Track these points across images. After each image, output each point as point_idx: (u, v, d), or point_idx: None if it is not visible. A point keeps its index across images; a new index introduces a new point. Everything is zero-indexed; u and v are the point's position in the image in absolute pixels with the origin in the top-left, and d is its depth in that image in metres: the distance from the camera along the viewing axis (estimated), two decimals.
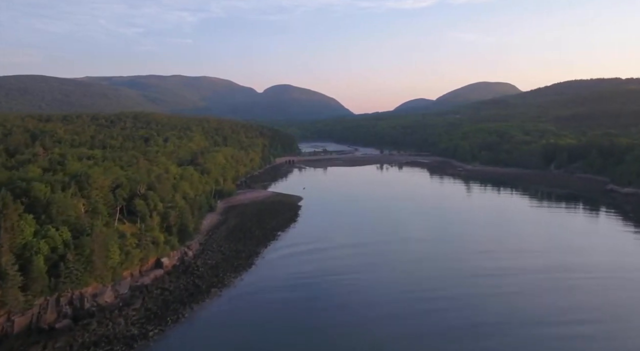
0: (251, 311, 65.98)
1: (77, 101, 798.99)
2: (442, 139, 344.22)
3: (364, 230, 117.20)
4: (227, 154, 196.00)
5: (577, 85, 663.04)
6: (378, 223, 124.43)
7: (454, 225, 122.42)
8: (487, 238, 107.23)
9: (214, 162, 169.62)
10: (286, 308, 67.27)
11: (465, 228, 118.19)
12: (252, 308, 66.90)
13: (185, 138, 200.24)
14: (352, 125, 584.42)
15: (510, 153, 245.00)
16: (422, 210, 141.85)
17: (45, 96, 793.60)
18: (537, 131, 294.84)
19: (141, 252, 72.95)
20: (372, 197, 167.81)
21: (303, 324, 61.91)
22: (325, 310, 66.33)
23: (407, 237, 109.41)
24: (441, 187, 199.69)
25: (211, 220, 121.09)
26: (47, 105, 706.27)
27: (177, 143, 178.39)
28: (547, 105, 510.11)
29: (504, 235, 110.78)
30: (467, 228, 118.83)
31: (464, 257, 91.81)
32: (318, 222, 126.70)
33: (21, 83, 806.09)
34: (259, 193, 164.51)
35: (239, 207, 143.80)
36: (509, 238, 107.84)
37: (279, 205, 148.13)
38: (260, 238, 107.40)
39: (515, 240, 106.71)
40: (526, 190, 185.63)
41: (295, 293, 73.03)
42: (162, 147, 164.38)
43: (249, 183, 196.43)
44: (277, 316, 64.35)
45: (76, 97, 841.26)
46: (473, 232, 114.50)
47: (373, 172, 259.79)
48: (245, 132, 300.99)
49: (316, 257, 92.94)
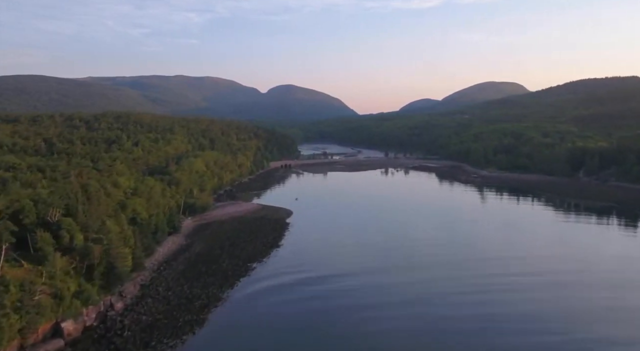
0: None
1: (75, 101, 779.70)
2: (452, 141, 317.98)
3: (363, 257, 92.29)
4: (210, 159, 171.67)
5: (590, 83, 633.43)
6: (383, 248, 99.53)
7: (480, 252, 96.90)
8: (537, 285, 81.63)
9: (190, 170, 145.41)
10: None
11: (501, 267, 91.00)
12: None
13: (163, 141, 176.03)
14: (355, 126, 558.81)
15: (530, 157, 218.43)
16: (435, 226, 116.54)
17: (41, 96, 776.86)
18: (556, 132, 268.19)
19: (21, 319, 48.45)
20: (375, 211, 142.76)
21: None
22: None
23: (422, 265, 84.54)
24: (455, 198, 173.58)
25: (170, 245, 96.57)
26: (42, 105, 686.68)
27: (149, 148, 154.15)
28: (561, 105, 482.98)
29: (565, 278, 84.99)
30: (503, 266, 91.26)
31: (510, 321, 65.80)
32: (307, 246, 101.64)
33: (18, 83, 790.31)
34: (241, 207, 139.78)
35: (213, 225, 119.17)
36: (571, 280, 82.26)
37: (262, 223, 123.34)
38: (228, 272, 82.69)
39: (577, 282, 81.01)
40: (558, 202, 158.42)
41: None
42: (129, 152, 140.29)
43: (234, 193, 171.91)
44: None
45: (74, 97, 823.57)
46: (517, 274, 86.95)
47: (377, 179, 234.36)
48: (237, 134, 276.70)
49: (300, 305, 68.42)
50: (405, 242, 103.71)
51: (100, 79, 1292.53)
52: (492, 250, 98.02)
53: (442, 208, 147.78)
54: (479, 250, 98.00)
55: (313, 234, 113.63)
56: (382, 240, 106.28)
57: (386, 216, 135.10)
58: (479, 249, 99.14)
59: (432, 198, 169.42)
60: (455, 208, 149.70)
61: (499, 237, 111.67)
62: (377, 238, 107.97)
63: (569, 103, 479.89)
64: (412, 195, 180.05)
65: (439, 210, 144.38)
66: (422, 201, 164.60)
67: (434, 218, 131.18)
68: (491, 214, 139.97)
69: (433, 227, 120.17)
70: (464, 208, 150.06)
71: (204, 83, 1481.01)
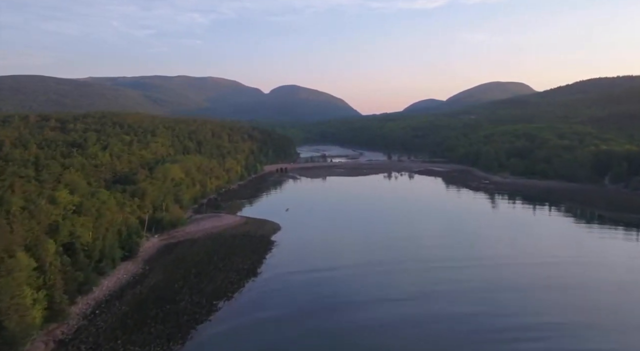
0: None
1: (72, 101, 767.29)
2: (459, 143, 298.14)
3: (362, 294, 73.36)
4: (191, 165, 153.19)
5: (602, 83, 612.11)
6: (387, 276, 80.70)
7: (508, 284, 77.62)
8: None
9: (165, 177, 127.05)
10: None
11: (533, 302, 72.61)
12: None
13: (139, 143, 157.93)
14: (357, 127, 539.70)
15: (548, 161, 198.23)
16: (449, 246, 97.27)
17: (38, 96, 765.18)
18: (574, 134, 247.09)
19: None
20: (378, 226, 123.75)
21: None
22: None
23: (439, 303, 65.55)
24: (468, 208, 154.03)
25: (120, 276, 78.03)
26: (38, 106, 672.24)
27: (119, 152, 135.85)
28: (573, 104, 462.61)
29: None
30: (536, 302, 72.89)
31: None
32: (292, 278, 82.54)
33: (14, 83, 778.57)
34: (220, 221, 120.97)
35: (183, 245, 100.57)
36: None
37: (243, 241, 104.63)
38: (184, 316, 63.96)
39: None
40: (585, 213, 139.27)
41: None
42: (93, 157, 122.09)
43: (218, 202, 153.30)
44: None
45: (72, 98, 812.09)
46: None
47: (378, 185, 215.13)
48: (230, 135, 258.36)
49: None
50: (415, 261, 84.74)
51: (101, 79, 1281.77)
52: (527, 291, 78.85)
53: (456, 222, 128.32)
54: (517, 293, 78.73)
55: (301, 258, 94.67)
56: (383, 269, 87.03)
57: (391, 232, 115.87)
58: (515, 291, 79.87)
59: (442, 210, 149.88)
60: (471, 222, 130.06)
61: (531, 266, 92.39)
62: (379, 266, 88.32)
63: (581, 102, 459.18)
64: (418, 203, 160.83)
65: (453, 225, 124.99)
66: (430, 211, 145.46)
67: (448, 237, 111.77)
68: (513, 232, 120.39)
69: (447, 246, 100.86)
70: (481, 223, 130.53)
71: (206, 83, 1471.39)
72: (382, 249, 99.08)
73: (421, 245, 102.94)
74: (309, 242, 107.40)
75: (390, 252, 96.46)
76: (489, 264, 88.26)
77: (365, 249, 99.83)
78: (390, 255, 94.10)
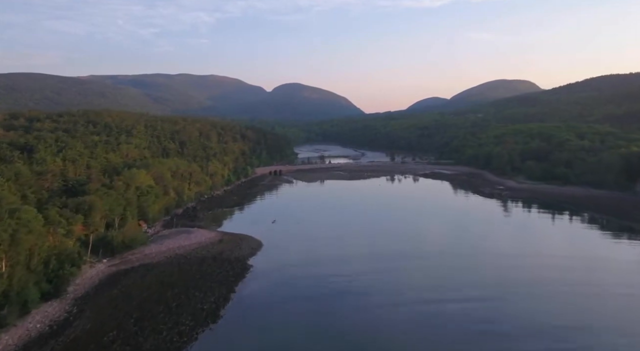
0: None
1: (69, 100, 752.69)
2: (468, 143, 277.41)
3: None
4: (165, 170, 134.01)
5: (614, 80, 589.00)
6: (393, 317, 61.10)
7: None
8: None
9: (127, 186, 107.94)
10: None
11: None
12: None
13: (106, 146, 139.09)
14: (360, 126, 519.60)
15: (570, 165, 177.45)
16: (469, 281, 77.71)
17: (34, 94, 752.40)
18: (594, 133, 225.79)
19: None
20: (378, 239, 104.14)
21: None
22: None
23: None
24: (482, 219, 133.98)
25: (31, 326, 58.72)
26: (34, 104, 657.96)
27: (75, 157, 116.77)
28: (586, 102, 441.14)
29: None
30: None
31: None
32: (266, 324, 62.89)
33: (9, 81, 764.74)
34: (190, 238, 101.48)
35: (135, 273, 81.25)
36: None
37: (211, 267, 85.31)
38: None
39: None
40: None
41: None
42: (39, 163, 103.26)
43: (196, 212, 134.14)
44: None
45: (69, 96, 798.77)
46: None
47: (380, 191, 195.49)
48: (220, 135, 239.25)
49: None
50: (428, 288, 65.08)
51: (102, 78, 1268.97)
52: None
53: (472, 240, 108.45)
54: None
55: (281, 292, 75.08)
56: (386, 310, 67.42)
57: (395, 254, 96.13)
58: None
59: (454, 224, 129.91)
60: (490, 239, 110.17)
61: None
62: (385, 308, 68.57)
63: (595, 100, 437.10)
64: (427, 213, 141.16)
65: (467, 244, 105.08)
66: (441, 224, 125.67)
67: (460, 258, 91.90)
68: (551, 258, 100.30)
69: (460, 274, 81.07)
70: (490, 226, 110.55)
71: (209, 81, 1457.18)
72: (385, 282, 79.36)
73: (437, 277, 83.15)
74: (293, 267, 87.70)
75: (400, 287, 76.72)
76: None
77: (364, 282, 79.94)
78: (402, 292, 74.43)
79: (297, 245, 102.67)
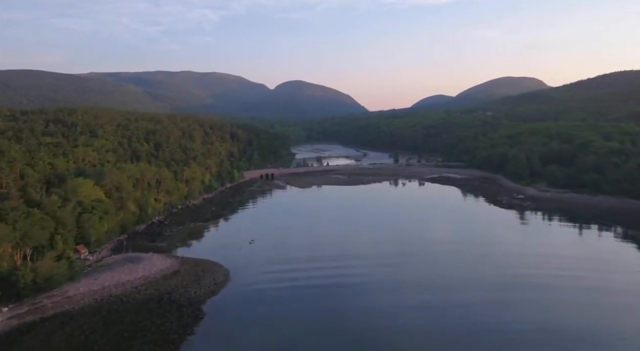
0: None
1: (66, 97, 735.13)
2: (479, 144, 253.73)
3: None
4: (124, 178, 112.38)
5: (629, 76, 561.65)
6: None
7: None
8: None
9: (68, 199, 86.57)
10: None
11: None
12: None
13: (55, 148, 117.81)
14: (363, 124, 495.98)
15: (601, 170, 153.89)
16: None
17: (29, 91, 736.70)
18: (622, 133, 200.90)
19: None
20: (375, 269, 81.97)
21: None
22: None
23: None
24: (504, 241, 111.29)
25: None
26: (29, 102, 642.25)
27: (3, 165, 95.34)
28: (602, 99, 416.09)
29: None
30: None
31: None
32: None
33: (4, 78, 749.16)
34: (136, 271, 79.56)
35: (42, 329, 59.62)
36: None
37: (151, 317, 63.64)
38: None
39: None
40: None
41: None
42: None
43: (161, 229, 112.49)
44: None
45: (66, 93, 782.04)
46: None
47: (383, 198, 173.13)
48: (207, 135, 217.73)
49: None
50: None
51: (102, 75, 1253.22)
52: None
53: (503, 274, 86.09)
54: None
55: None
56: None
57: (398, 289, 74.09)
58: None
59: (469, 247, 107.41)
60: (527, 279, 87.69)
61: None
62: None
63: (612, 97, 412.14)
64: (434, 230, 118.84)
65: (487, 278, 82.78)
66: (452, 247, 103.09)
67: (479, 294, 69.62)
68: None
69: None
70: (515, 252, 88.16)
71: (211, 79, 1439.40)
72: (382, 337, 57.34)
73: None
74: (263, 318, 65.39)
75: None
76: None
77: (357, 333, 58.01)
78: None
79: (275, 278, 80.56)
